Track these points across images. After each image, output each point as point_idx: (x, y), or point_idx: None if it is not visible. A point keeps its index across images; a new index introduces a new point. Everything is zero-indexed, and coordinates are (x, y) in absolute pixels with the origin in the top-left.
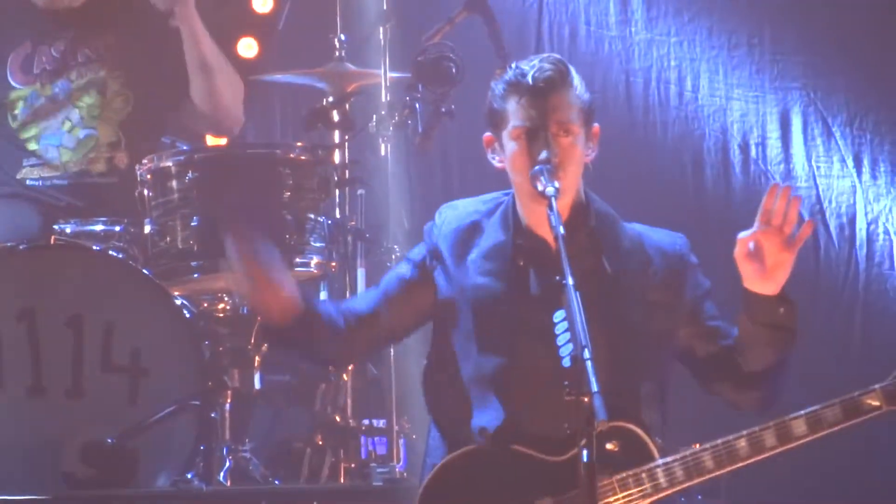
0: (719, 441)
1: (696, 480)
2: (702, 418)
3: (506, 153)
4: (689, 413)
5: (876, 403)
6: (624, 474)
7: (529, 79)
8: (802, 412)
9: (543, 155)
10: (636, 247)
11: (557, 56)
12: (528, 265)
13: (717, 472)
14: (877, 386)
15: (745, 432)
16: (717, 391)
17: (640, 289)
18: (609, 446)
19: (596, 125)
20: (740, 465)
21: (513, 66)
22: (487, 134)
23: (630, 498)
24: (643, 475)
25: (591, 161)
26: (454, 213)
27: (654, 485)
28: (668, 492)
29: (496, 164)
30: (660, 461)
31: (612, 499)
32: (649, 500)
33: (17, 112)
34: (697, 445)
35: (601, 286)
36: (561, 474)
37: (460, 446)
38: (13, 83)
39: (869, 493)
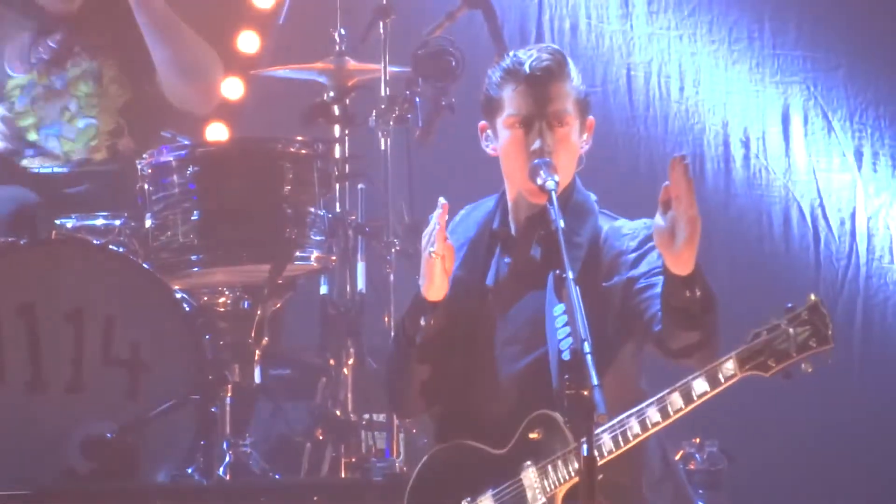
0: (615, 420)
1: (604, 459)
2: None
3: (499, 141)
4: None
5: (731, 369)
6: (543, 462)
7: (526, 68)
8: (676, 385)
9: (536, 145)
10: (603, 239)
11: (555, 46)
12: (501, 255)
13: (618, 452)
14: (732, 353)
15: (633, 411)
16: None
17: (590, 277)
18: (532, 435)
19: (591, 117)
20: (634, 442)
21: (510, 54)
22: (482, 122)
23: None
24: (558, 462)
25: (584, 153)
26: (473, 213)
27: (566, 467)
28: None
29: (489, 151)
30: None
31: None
32: (569, 482)
33: (14, 101)
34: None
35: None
36: (501, 465)
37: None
38: (10, 72)
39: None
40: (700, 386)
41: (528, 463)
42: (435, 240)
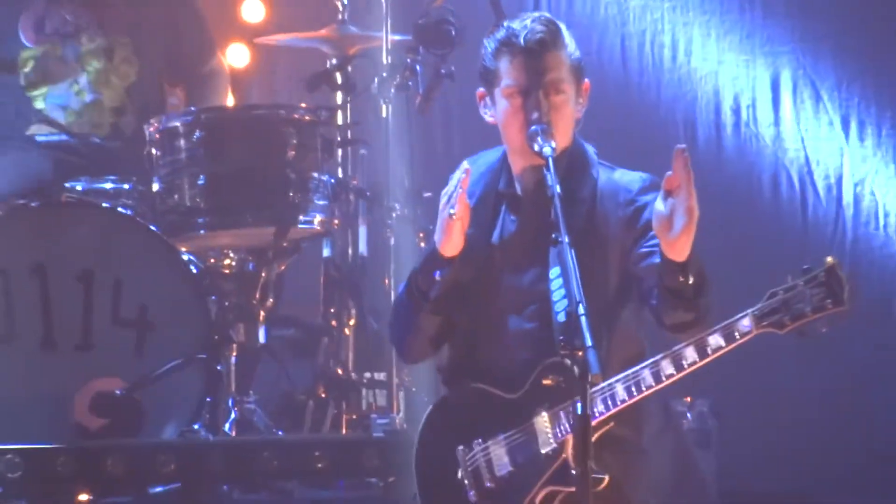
0: (629, 371)
1: (618, 409)
2: None
3: (497, 110)
4: None
5: (747, 326)
6: (555, 409)
7: (521, 40)
8: (691, 340)
9: (535, 115)
10: (601, 192)
11: (548, 16)
12: (507, 214)
13: (631, 401)
14: (749, 311)
15: (647, 363)
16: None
17: (597, 230)
18: (546, 382)
19: (586, 81)
20: (649, 392)
21: (505, 25)
22: (480, 89)
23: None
24: (571, 408)
25: (580, 116)
26: (476, 167)
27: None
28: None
29: (488, 118)
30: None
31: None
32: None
33: (27, 70)
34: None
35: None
36: (512, 410)
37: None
38: (25, 42)
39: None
40: (715, 341)
41: (541, 409)
42: (456, 202)
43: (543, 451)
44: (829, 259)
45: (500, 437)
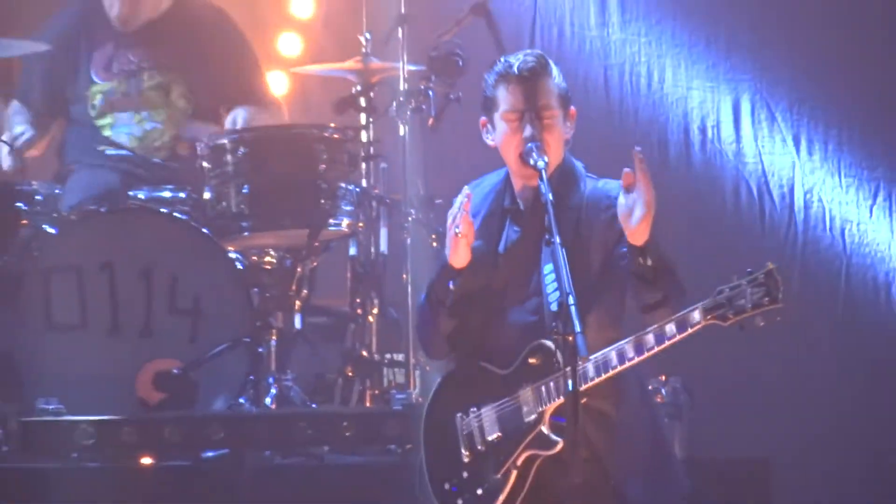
0: (599, 353)
1: (587, 386)
2: None
3: (497, 133)
4: None
5: (696, 318)
6: (537, 383)
7: (515, 69)
8: (651, 327)
9: (528, 132)
10: (587, 201)
11: (538, 51)
12: (511, 226)
13: (598, 380)
14: (699, 304)
15: (612, 347)
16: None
17: (583, 232)
18: (532, 360)
19: (572, 108)
20: (614, 372)
21: (501, 59)
22: (482, 118)
23: (540, 402)
24: (549, 386)
25: (569, 138)
26: (479, 191)
27: (556, 390)
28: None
29: (489, 142)
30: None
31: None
32: (556, 402)
33: (95, 102)
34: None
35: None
36: (503, 384)
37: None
38: (95, 79)
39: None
40: (670, 329)
41: (527, 384)
42: (460, 221)
43: (526, 420)
44: (769, 264)
45: (490, 406)
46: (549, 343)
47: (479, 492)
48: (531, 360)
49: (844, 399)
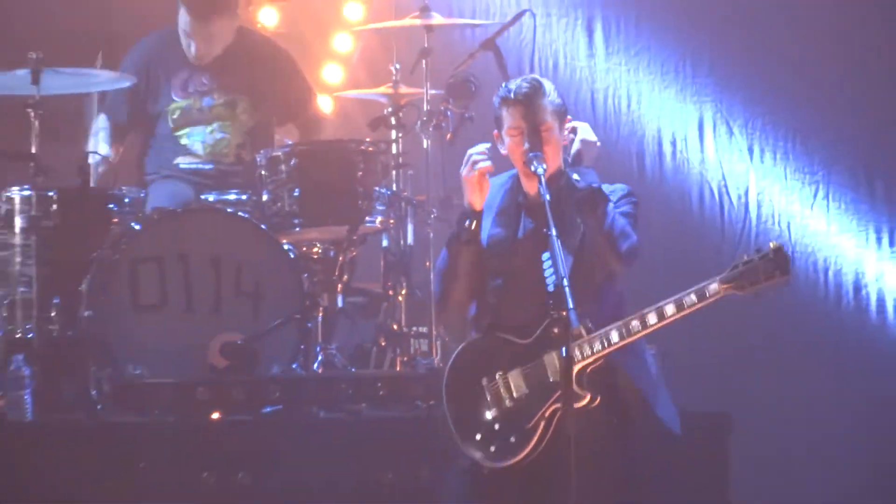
0: (620, 322)
1: (609, 349)
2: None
3: (505, 145)
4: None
5: (715, 289)
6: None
7: (513, 95)
8: (671, 298)
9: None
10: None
11: (534, 76)
12: (526, 218)
13: (621, 343)
14: (716, 277)
15: (635, 315)
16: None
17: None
18: (554, 331)
19: (568, 116)
20: (635, 336)
21: (504, 86)
22: (495, 131)
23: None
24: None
25: (567, 143)
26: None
27: (581, 353)
28: (591, 359)
29: (502, 151)
30: (584, 338)
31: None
32: (582, 363)
33: (174, 117)
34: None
35: (563, 228)
36: (525, 351)
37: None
38: (174, 97)
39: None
40: (690, 300)
41: (550, 350)
42: (481, 161)
43: (551, 379)
44: (775, 244)
45: (517, 369)
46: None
47: (512, 439)
48: (554, 331)
49: (783, 358)
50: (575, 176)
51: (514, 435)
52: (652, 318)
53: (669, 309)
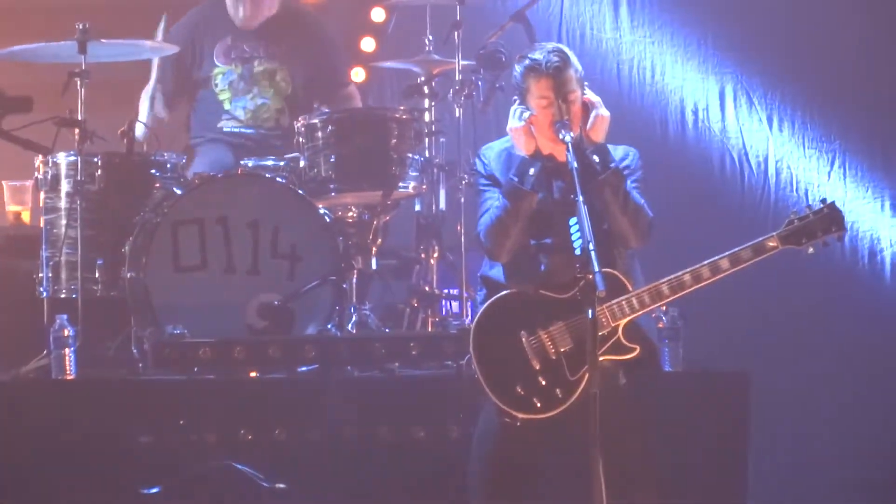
0: (672, 276)
1: (659, 303)
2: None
3: (522, 114)
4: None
5: (773, 244)
6: (610, 303)
7: (544, 66)
8: (726, 253)
9: (557, 115)
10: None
11: (555, 45)
12: (550, 178)
13: (672, 297)
14: (774, 233)
15: (687, 269)
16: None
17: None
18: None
19: (586, 83)
20: (688, 290)
21: (528, 55)
22: (515, 98)
23: (615, 318)
24: (623, 303)
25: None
26: (493, 152)
27: (630, 307)
28: (640, 312)
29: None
30: (633, 292)
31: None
32: (628, 317)
33: (217, 82)
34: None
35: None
36: (567, 307)
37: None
38: (217, 63)
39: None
40: (747, 254)
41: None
42: (524, 111)
43: (600, 333)
44: (828, 199)
45: (559, 323)
46: (612, 271)
47: (558, 391)
48: (599, 292)
49: (799, 319)
50: (595, 157)
51: (560, 387)
52: (706, 273)
53: (724, 263)
